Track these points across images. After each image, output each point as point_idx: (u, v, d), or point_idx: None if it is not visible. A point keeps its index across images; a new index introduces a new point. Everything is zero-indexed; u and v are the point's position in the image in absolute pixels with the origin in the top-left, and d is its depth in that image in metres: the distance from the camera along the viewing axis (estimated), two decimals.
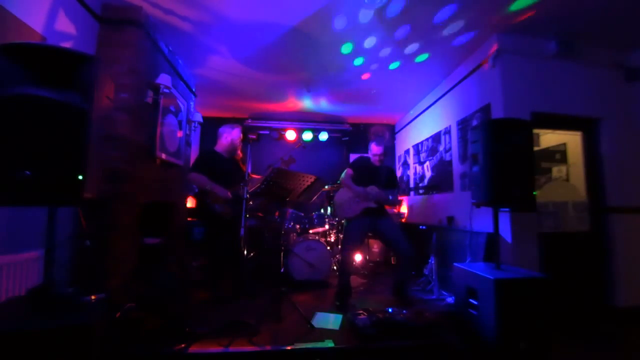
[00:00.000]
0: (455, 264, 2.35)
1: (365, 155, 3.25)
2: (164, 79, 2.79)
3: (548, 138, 3.43)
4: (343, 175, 3.12)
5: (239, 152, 3.17)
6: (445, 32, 2.87)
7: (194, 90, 4.01)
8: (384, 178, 3.04)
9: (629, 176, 3.00)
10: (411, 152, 5.09)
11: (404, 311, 2.40)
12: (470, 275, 2.14)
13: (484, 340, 1.98)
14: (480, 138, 2.20)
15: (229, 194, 2.84)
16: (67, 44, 2.15)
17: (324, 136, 5.68)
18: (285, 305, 2.51)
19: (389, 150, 5.77)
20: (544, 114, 2.89)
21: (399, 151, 5.74)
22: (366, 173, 3.05)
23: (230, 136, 3.08)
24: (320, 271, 3.61)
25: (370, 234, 3.65)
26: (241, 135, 3.13)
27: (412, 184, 4.97)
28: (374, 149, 3.08)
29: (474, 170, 2.29)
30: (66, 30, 2.16)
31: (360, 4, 2.46)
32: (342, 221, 4.25)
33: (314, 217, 4.20)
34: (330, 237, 4.36)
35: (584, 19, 2.65)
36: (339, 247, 4.19)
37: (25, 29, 1.84)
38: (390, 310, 2.43)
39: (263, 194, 2.51)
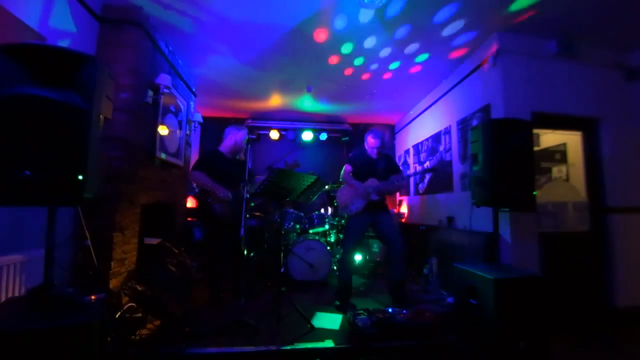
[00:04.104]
0: (455, 264, 2.34)
1: (362, 148, 3.21)
2: (164, 79, 2.79)
3: (548, 138, 3.43)
4: (342, 172, 3.11)
5: (241, 154, 3.16)
6: (445, 32, 2.87)
7: (194, 90, 4.01)
8: (382, 169, 3.03)
9: (628, 176, 3.00)
10: (411, 152, 5.09)
11: (404, 311, 2.40)
12: (470, 275, 2.14)
13: (483, 340, 1.98)
14: (480, 138, 2.20)
15: (229, 194, 2.84)
16: (67, 44, 2.15)
17: (324, 136, 5.68)
18: (285, 305, 2.51)
19: (390, 150, 5.77)
20: (544, 114, 2.89)
21: (399, 151, 5.74)
22: (364, 167, 3.04)
23: (234, 137, 3.08)
24: (320, 271, 3.61)
25: (370, 233, 3.65)
26: (246, 138, 3.12)
27: (412, 184, 4.97)
28: (371, 142, 3.05)
29: (473, 170, 2.29)
30: (66, 30, 2.16)
31: (360, 4, 2.46)
32: (342, 221, 4.26)
33: (314, 217, 4.20)
34: (330, 237, 4.36)
35: (584, 19, 2.65)
36: (339, 247, 4.19)
37: (25, 29, 1.84)
38: (390, 310, 2.43)
39: (263, 194, 2.50)
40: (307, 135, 5.57)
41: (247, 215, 2.51)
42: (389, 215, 3.07)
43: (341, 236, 4.27)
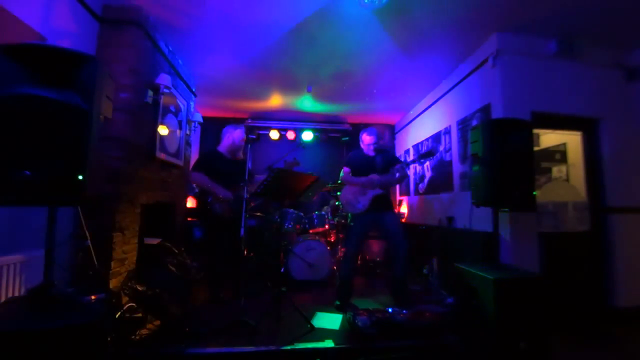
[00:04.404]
0: (455, 264, 2.35)
1: (358, 149, 3.21)
2: (164, 79, 2.79)
3: (548, 138, 3.43)
4: (342, 174, 3.11)
5: (240, 153, 3.17)
6: (445, 31, 2.87)
7: (194, 90, 4.01)
8: (381, 164, 3.02)
9: (628, 176, 3.00)
10: (411, 152, 5.09)
11: (404, 311, 2.40)
12: (470, 275, 2.14)
13: (483, 340, 1.98)
14: (480, 138, 2.20)
15: (230, 194, 2.84)
16: (67, 44, 2.15)
17: (323, 136, 5.68)
18: (285, 305, 2.51)
19: (390, 149, 5.77)
20: (544, 114, 2.89)
21: (399, 151, 5.74)
22: (363, 166, 3.03)
23: (232, 137, 3.08)
24: (320, 271, 3.61)
25: (371, 233, 3.64)
26: (244, 136, 3.12)
27: (412, 184, 4.97)
28: (366, 139, 3.06)
29: (473, 170, 2.29)
30: (66, 30, 2.16)
31: (360, 3, 2.46)
32: (347, 220, 4.26)
33: (314, 217, 4.20)
34: (330, 237, 4.36)
35: (584, 19, 2.65)
36: (340, 247, 4.19)
37: (26, 29, 1.84)
38: (390, 310, 2.43)
39: (263, 194, 2.51)
40: (307, 135, 5.57)
41: (247, 215, 2.51)
42: (393, 214, 3.06)
43: (341, 236, 4.27)
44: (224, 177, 2.90)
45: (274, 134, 5.56)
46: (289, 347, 2.06)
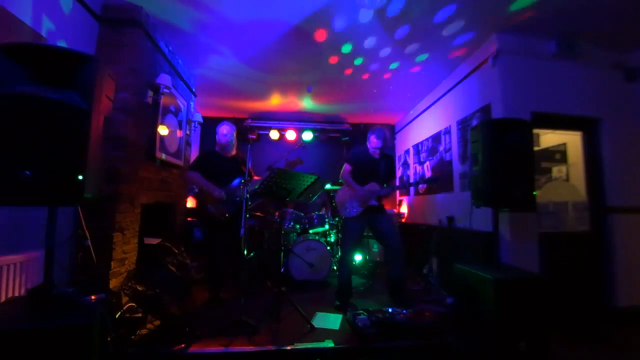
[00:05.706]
0: (455, 264, 2.35)
1: (363, 147, 3.13)
2: (164, 79, 2.79)
3: (548, 138, 3.43)
4: (342, 171, 3.08)
5: (234, 149, 3.15)
6: (445, 32, 2.87)
7: (194, 90, 4.01)
8: (383, 171, 3.01)
9: (629, 176, 3.00)
10: (411, 152, 5.09)
11: (404, 311, 2.40)
12: (470, 275, 2.14)
13: (483, 340, 1.98)
14: (480, 138, 2.20)
15: (222, 193, 2.85)
16: (66, 44, 2.15)
17: (323, 136, 5.68)
18: (285, 305, 2.51)
19: (390, 149, 5.77)
20: (544, 114, 2.89)
21: (399, 151, 5.74)
22: (366, 167, 3.01)
23: (217, 135, 3.09)
24: (320, 271, 3.61)
25: (369, 233, 3.64)
26: (228, 131, 3.07)
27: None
28: (374, 142, 3.01)
29: (473, 170, 2.29)
30: (66, 30, 2.16)
31: (360, 3, 2.46)
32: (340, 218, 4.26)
33: (314, 217, 4.20)
34: (330, 237, 4.36)
35: (584, 19, 2.65)
36: (339, 246, 4.19)
37: (25, 29, 1.84)
38: (390, 310, 2.43)
39: (263, 194, 2.51)
40: (307, 135, 5.56)
41: (247, 215, 2.51)
42: (385, 215, 3.05)
43: (341, 236, 4.27)
44: (220, 176, 2.91)
45: (274, 134, 5.55)
46: (289, 347, 2.06)
